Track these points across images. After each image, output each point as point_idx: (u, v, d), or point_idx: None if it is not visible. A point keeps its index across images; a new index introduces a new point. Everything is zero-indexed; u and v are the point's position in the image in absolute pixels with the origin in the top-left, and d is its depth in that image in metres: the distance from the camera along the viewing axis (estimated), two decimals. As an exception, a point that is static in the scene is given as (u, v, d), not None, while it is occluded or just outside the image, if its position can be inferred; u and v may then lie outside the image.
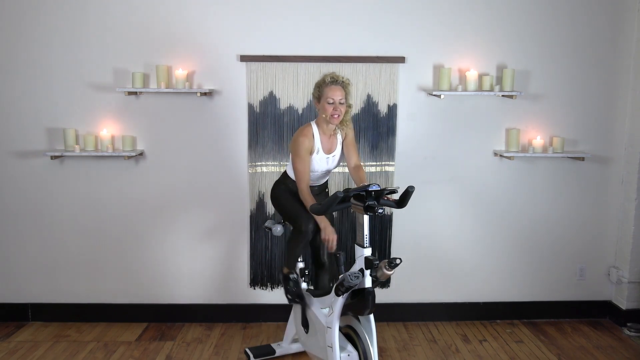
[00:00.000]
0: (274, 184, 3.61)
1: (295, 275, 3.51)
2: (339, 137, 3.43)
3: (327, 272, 3.61)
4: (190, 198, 4.15)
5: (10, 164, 4.09)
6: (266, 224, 3.78)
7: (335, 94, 3.25)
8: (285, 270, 3.55)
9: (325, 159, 3.39)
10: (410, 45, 4.04)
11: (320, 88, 3.31)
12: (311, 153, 3.33)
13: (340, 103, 3.26)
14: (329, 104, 3.26)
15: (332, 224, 3.50)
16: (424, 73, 4.08)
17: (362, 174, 3.38)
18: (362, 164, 3.66)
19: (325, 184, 3.63)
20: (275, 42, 4.00)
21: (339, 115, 3.27)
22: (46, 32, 3.95)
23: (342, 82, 3.30)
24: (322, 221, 3.32)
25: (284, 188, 3.51)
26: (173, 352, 3.84)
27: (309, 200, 3.25)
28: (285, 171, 3.56)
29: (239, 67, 4.01)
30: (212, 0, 3.96)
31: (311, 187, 3.40)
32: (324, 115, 3.29)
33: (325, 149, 3.38)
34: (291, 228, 3.52)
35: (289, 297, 3.52)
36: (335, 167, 3.52)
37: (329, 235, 3.30)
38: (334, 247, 3.31)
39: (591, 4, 4.07)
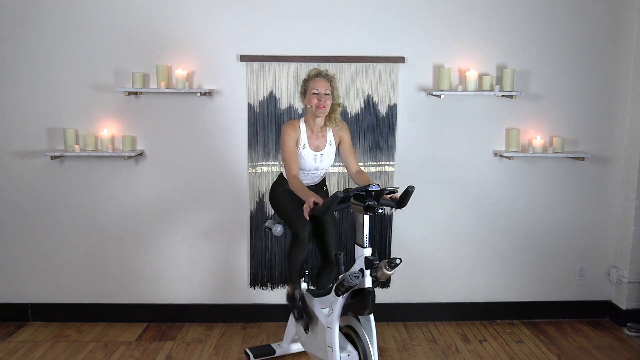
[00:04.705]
0: (272, 186, 3.61)
1: (300, 293, 3.48)
2: (329, 136, 3.43)
3: (332, 271, 3.57)
4: (190, 198, 4.15)
5: (10, 164, 4.09)
6: (266, 224, 3.77)
7: (319, 85, 3.28)
8: (290, 290, 3.51)
9: (312, 156, 3.38)
10: (410, 45, 4.04)
11: (305, 83, 3.37)
12: (297, 145, 3.33)
13: (325, 94, 3.28)
14: (313, 94, 3.28)
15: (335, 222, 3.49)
16: (424, 73, 4.08)
17: (366, 177, 3.37)
18: (361, 164, 3.65)
19: (322, 184, 3.61)
20: (275, 42, 4.00)
21: (324, 107, 3.28)
22: (46, 32, 3.95)
23: (326, 75, 3.34)
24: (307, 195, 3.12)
25: (282, 190, 3.49)
26: (173, 352, 3.84)
27: (299, 189, 3.19)
28: (282, 173, 3.55)
29: (239, 67, 4.01)
30: (213, 0, 3.96)
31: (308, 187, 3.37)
32: (309, 106, 3.32)
33: (312, 145, 3.38)
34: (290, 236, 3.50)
35: (296, 316, 3.48)
36: (327, 167, 3.51)
37: (307, 204, 3.05)
38: (306, 215, 3.06)
39: (591, 4, 4.07)
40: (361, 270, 2.94)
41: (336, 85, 3.38)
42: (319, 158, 3.41)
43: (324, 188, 3.64)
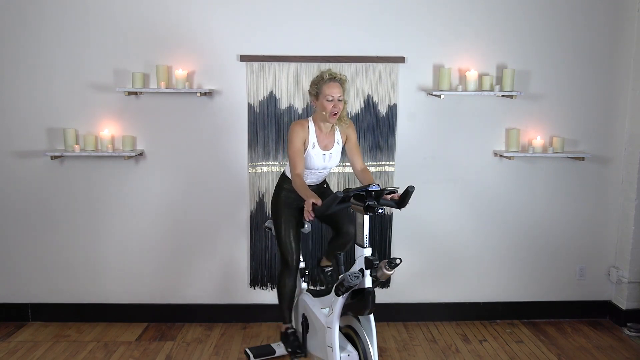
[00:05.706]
0: (274, 191, 3.56)
1: (293, 329, 3.53)
2: (337, 135, 3.43)
3: (343, 242, 3.45)
4: (190, 198, 4.15)
5: (10, 164, 4.09)
6: (266, 224, 3.77)
7: (334, 91, 3.24)
8: (283, 328, 3.56)
9: (321, 155, 3.38)
10: (410, 45, 4.04)
11: (318, 85, 3.29)
12: (306, 146, 3.32)
13: (339, 100, 3.26)
14: (328, 101, 3.25)
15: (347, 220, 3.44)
16: (424, 73, 4.08)
17: (370, 176, 3.37)
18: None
19: (323, 182, 3.60)
20: (275, 42, 4.00)
21: (337, 112, 3.28)
22: (46, 32, 3.96)
23: (340, 79, 3.30)
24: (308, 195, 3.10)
25: (284, 197, 3.46)
26: (173, 352, 3.84)
27: (300, 188, 3.19)
28: (284, 172, 3.55)
29: (239, 67, 4.01)
30: (213, 0, 3.96)
31: (309, 187, 3.37)
32: (323, 113, 3.28)
33: (321, 144, 3.37)
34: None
35: (290, 351, 3.50)
36: (334, 166, 3.50)
37: (307, 206, 3.03)
38: (310, 217, 3.02)
39: (591, 4, 4.07)
40: (361, 270, 2.93)
41: (346, 86, 3.36)
42: (327, 157, 3.40)
43: (325, 185, 3.63)
